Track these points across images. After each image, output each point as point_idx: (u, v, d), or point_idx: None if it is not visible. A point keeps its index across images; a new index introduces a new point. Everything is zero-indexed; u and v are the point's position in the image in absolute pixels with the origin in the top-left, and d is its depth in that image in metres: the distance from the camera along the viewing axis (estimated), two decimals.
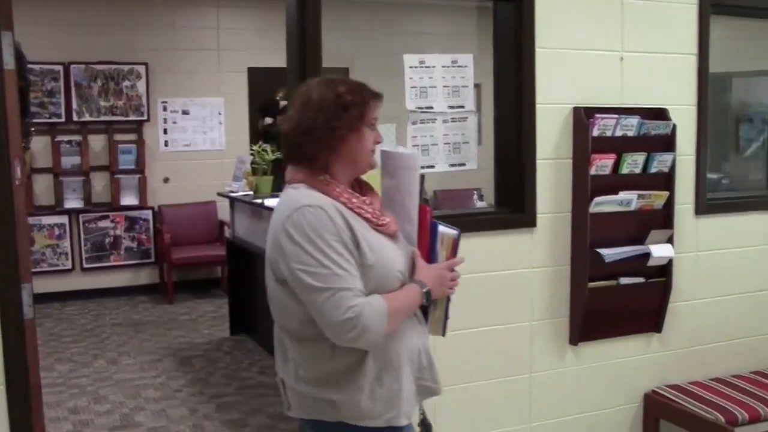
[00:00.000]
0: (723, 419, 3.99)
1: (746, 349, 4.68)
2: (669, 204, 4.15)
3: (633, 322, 4.23)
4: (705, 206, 4.41)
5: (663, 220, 4.16)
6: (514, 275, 3.98)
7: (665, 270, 4.21)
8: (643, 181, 4.07)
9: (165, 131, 9.43)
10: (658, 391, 4.35)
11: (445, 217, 4.05)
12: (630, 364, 4.29)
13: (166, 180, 9.47)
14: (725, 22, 7.14)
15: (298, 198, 2.41)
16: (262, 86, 9.54)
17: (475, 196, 6.35)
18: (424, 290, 2.52)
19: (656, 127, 4.10)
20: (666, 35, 4.26)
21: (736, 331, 4.63)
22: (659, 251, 4.10)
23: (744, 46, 8.44)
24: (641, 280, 4.14)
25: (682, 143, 4.22)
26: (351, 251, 2.38)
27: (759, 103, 8.88)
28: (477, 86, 3.94)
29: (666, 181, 4.14)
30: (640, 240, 4.10)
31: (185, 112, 9.49)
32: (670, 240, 4.17)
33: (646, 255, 4.08)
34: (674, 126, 4.12)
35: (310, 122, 2.43)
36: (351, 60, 8.98)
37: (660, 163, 4.09)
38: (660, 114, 4.17)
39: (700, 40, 4.34)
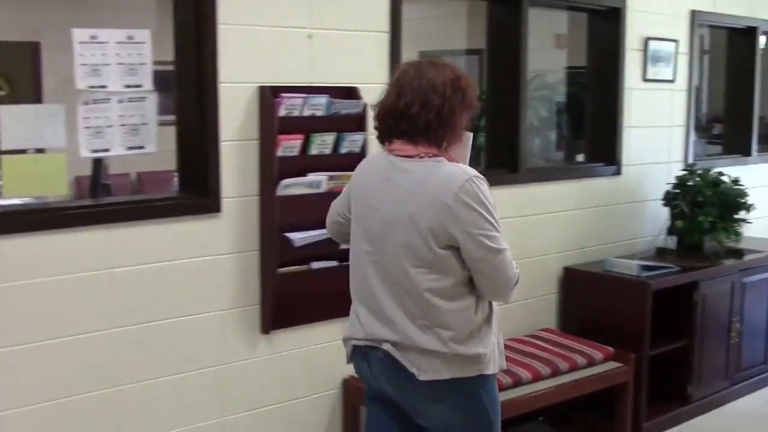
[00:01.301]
0: None
1: None
2: None
3: (328, 307, 4.10)
4: None
5: None
6: (199, 263, 3.76)
7: None
8: (334, 161, 3.97)
9: None
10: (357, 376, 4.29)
11: (119, 204, 3.79)
12: (327, 349, 4.19)
13: None
14: (433, 2, 7.31)
15: (461, 170, 2.71)
16: None
17: (176, 179, 6.05)
18: None
19: (346, 107, 4.01)
20: (357, 12, 4.18)
21: None
22: None
23: (451, 25, 8.72)
24: (334, 263, 4.03)
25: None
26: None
27: None
28: None
29: (357, 161, 4.04)
30: None
31: None
32: None
33: None
34: (365, 105, 4.04)
35: (438, 106, 2.72)
36: (42, 34, 8.37)
37: (351, 143, 4.02)
38: (350, 93, 4.09)
39: (392, 18, 4.30)
